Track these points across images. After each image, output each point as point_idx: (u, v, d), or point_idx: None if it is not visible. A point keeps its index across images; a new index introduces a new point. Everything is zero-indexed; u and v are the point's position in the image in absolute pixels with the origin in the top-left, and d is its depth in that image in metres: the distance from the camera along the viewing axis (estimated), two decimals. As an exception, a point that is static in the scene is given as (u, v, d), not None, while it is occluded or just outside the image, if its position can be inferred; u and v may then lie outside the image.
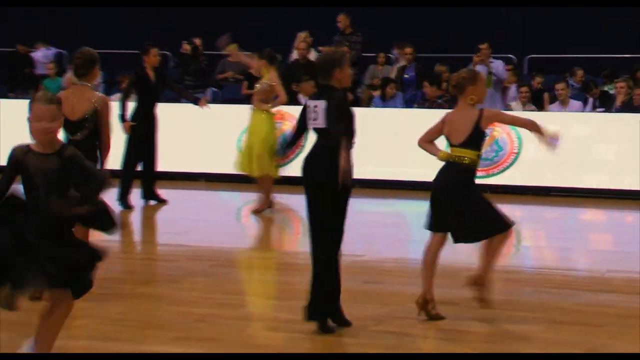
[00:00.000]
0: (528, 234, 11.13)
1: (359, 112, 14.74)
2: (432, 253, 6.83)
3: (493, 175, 13.96)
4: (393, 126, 14.47)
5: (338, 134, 6.23)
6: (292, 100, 15.07)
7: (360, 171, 14.62)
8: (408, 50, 16.12)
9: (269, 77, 11.62)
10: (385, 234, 10.55)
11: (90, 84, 7.50)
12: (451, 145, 6.81)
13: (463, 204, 6.65)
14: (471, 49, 15.63)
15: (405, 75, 16.07)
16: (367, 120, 14.73)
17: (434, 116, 14.70)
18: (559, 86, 14.60)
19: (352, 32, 16.34)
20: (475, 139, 6.73)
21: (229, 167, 12.25)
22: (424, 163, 13.99)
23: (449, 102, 14.95)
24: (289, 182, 12.08)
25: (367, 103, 15.69)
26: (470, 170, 6.73)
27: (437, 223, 6.78)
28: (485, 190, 13.65)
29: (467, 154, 6.70)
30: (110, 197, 7.76)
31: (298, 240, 10.49)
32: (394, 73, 16.06)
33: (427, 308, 6.70)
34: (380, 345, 6.14)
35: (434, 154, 6.87)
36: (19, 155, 4.97)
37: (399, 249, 9.95)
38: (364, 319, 6.69)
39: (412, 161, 14.11)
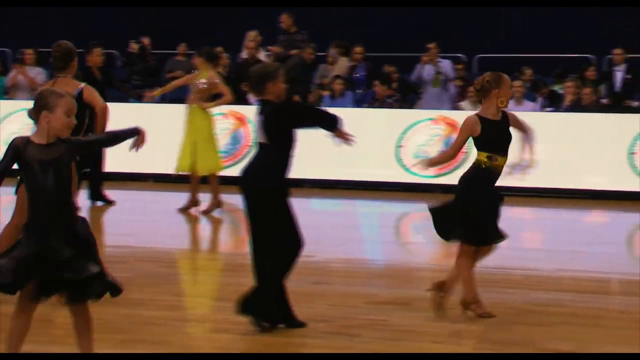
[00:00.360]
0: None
1: (308, 112, 14.64)
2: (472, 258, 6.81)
3: (444, 174, 13.99)
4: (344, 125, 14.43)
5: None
6: (242, 100, 15.01)
7: (309, 171, 14.74)
8: (358, 49, 16.12)
9: (208, 76, 11.55)
10: (334, 235, 10.51)
11: (70, 75, 7.59)
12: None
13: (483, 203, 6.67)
14: (420, 48, 15.68)
15: (356, 75, 16.06)
16: (316, 120, 14.68)
17: (384, 115, 14.83)
18: (516, 84, 14.64)
19: (296, 31, 16.31)
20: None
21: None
22: (371, 163, 14.17)
23: (399, 101, 14.98)
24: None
25: (317, 103, 15.64)
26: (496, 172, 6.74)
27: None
28: (436, 190, 13.77)
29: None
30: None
31: (246, 241, 10.43)
32: (342, 72, 16.04)
33: (470, 309, 6.72)
34: (330, 346, 6.10)
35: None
36: (20, 145, 4.92)
37: (348, 249, 9.90)
38: (314, 320, 6.64)
39: (361, 161, 14.15)
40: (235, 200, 12.17)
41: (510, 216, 12.53)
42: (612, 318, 6.87)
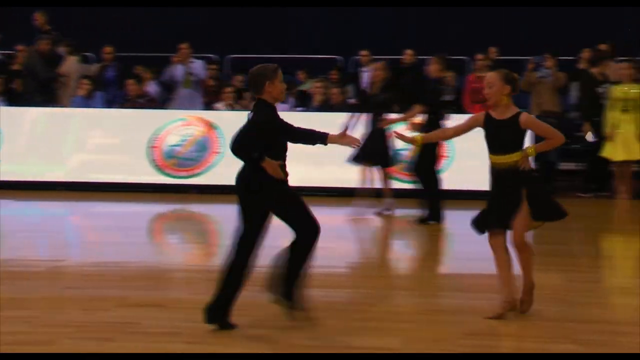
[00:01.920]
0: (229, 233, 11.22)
1: (56, 112, 14.38)
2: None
3: (197, 175, 13.98)
4: (95, 126, 14.17)
5: (235, 148, 6.48)
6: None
7: (59, 174, 14.28)
8: (108, 49, 15.87)
9: None
10: (85, 238, 10.28)
11: None
12: None
13: None
14: (174, 49, 15.65)
15: (107, 74, 15.79)
16: (66, 120, 14.39)
17: (135, 116, 14.55)
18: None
19: (49, 29, 15.90)
20: None
21: None
22: (123, 164, 13.95)
23: (151, 102, 14.80)
24: None
25: (67, 102, 15.28)
26: None
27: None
28: (189, 190, 13.74)
29: None
30: None
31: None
32: (72, 70, 15.71)
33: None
34: (81, 350, 5.96)
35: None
36: None
37: (99, 252, 9.69)
38: (66, 325, 6.50)
39: (112, 162, 13.92)
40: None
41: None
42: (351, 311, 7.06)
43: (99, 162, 13.96)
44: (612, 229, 11.80)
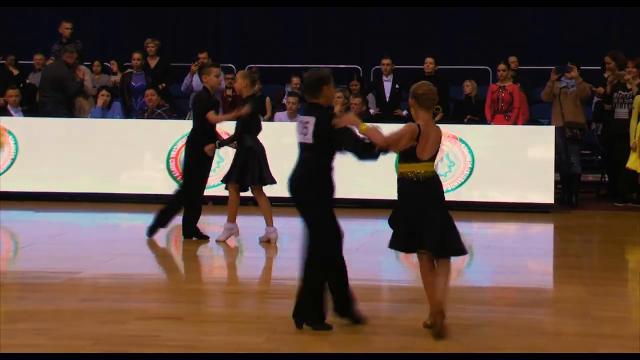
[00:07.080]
0: (247, 245, 11.17)
1: (75, 123, 14.16)
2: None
3: (212, 186, 13.91)
4: (114, 137, 14.13)
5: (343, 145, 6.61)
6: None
7: (74, 184, 14.17)
8: (136, 55, 15.77)
9: None
10: (103, 250, 10.20)
11: None
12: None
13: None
14: (191, 58, 15.65)
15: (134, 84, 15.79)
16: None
17: (154, 127, 14.43)
18: (291, 99, 14.67)
19: (69, 40, 15.86)
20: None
21: None
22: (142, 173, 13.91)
23: (168, 112, 14.74)
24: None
25: (86, 114, 15.27)
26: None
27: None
28: (207, 201, 13.63)
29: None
30: None
31: None
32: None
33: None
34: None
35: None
36: None
37: (117, 264, 9.60)
38: (82, 338, 6.44)
39: (133, 172, 13.87)
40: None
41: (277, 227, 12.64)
42: (380, 325, 6.97)
43: (116, 174, 13.91)
44: (636, 241, 11.65)
